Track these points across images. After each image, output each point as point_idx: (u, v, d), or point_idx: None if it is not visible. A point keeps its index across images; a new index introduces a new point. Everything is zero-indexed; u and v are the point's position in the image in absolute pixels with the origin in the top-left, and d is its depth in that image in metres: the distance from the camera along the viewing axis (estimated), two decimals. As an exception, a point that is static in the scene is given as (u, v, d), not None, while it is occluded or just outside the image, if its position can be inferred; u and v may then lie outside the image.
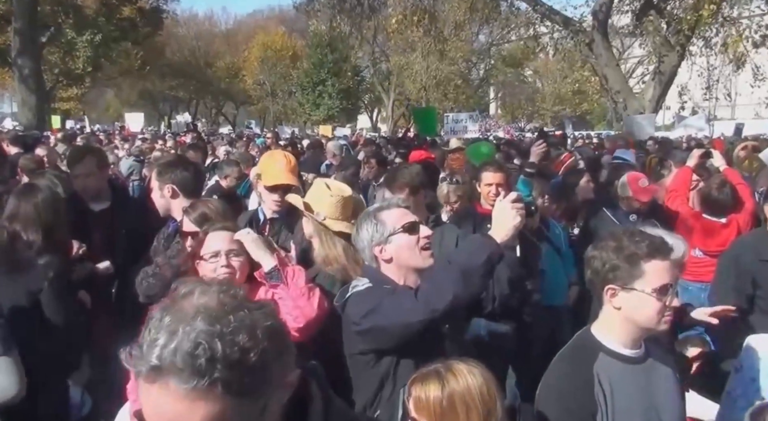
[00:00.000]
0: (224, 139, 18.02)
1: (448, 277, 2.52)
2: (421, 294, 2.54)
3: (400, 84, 47.27)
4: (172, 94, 59.48)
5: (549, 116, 50.19)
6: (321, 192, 3.45)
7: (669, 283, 2.27)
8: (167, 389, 1.09)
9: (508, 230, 2.56)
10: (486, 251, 2.51)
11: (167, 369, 1.08)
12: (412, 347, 2.58)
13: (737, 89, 30.20)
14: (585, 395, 2.26)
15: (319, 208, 3.35)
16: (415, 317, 2.49)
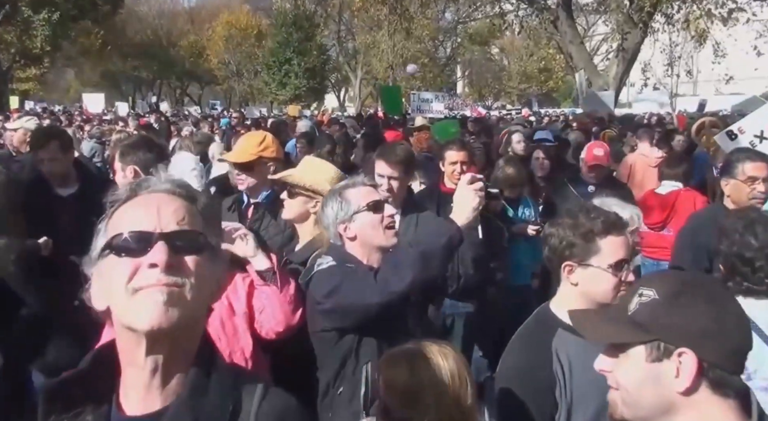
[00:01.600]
0: (189, 119, 17.76)
1: (407, 259, 2.55)
2: (380, 276, 2.57)
3: (367, 63, 46.98)
4: (135, 75, 58.33)
5: (515, 94, 50.45)
6: (313, 170, 3.39)
7: (624, 258, 2.31)
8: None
9: (469, 212, 2.59)
10: (446, 235, 2.54)
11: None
12: (374, 325, 2.61)
13: (698, 66, 30.67)
14: (544, 370, 2.30)
15: (325, 187, 3.22)
16: (374, 299, 2.52)
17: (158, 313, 1.23)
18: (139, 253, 1.26)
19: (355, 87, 49.73)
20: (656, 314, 1.45)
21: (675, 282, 1.51)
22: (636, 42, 20.23)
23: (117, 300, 1.27)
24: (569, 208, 2.46)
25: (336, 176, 3.35)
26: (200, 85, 62.95)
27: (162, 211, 1.30)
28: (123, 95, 59.65)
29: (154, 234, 1.27)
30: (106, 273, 1.29)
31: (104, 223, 1.35)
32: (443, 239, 2.53)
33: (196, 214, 1.35)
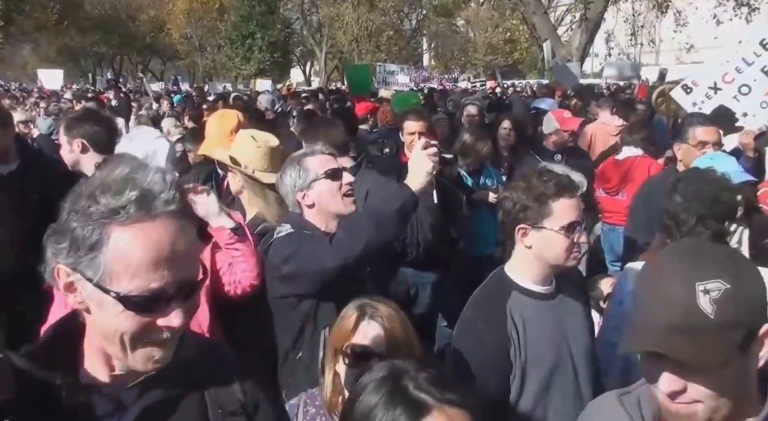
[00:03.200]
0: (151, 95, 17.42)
1: (361, 224, 2.60)
2: (335, 240, 2.61)
3: (332, 36, 46.45)
4: (95, 50, 56.87)
5: (481, 66, 50.40)
6: (247, 144, 3.37)
7: (576, 220, 2.36)
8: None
9: (423, 177, 2.62)
10: (400, 199, 2.58)
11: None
12: (331, 290, 2.64)
13: (660, 35, 30.99)
14: (498, 331, 2.35)
15: (246, 161, 3.28)
16: (329, 263, 2.55)
17: (158, 365, 1.27)
18: (152, 313, 1.23)
19: (320, 61, 49.19)
20: (738, 304, 1.29)
21: (717, 259, 1.35)
22: (599, 12, 20.35)
23: (116, 340, 1.24)
24: (523, 172, 2.50)
25: (263, 150, 3.32)
26: (162, 61, 61.68)
27: (176, 254, 1.23)
28: (83, 71, 58.32)
29: (170, 294, 1.23)
30: (105, 308, 1.23)
31: (98, 233, 1.20)
32: (397, 204, 2.57)
33: (195, 237, 1.31)
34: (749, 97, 5.43)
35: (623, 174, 5.75)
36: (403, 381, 1.36)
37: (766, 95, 5.37)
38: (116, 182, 1.22)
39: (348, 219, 2.75)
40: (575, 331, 2.49)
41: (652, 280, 1.38)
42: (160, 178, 1.25)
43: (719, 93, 5.55)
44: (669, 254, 1.44)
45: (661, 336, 1.29)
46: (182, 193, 1.29)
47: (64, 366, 1.30)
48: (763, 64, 5.40)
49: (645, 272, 1.44)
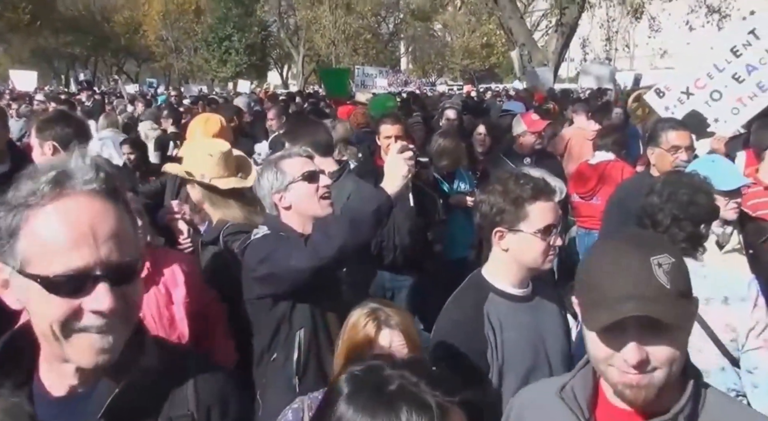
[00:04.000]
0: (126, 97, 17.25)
1: (336, 226, 2.60)
2: (310, 242, 2.61)
3: (309, 39, 46.39)
4: (68, 52, 56.15)
5: (458, 70, 50.64)
6: (199, 154, 3.36)
7: (552, 223, 2.38)
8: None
9: (399, 180, 2.63)
10: (375, 202, 2.59)
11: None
12: (307, 291, 2.65)
13: (635, 40, 31.39)
14: (475, 333, 2.36)
15: (202, 171, 3.27)
16: (304, 263, 2.55)
17: (101, 357, 1.19)
18: (77, 294, 1.16)
19: (297, 64, 49.11)
20: (684, 275, 1.45)
21: (658, 239, 1.59)
22: (574, 17, 20.54)
23: (48, 330, 1.18)
24: (499, 175, 2.51)
25: (215, 158, 3.29)
26: (137, 63, 61.08)
27: (99, 232, 1.16)
28: (56, 73, 57.51)
29: (95, 275, 1.15)
30: (32, 297, 1.17)
31: (17, 220, 1.16)
32: (372, 206, 2.58)
33: (125, 218, 1.24)
34: (720, 103, 5.52)
35: (597, 178, 5.80)
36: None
37: (737, 101, 5.46)
38: (38, 169, 1.20)
39: (323, 220, 2.75)
40: (552, 332, 2.51)
41: (608, 259, 1.47)
42: (81, 161, 1.21)
43: (691, 98, 5.63)
44: (617, 239, 1.59)
45: (632, 304, 1.38)
46: (111, 176, 1.23)
47: (14, 379, 1.25)
48: (733, 70, 5.48)
49: (596, 255, 1.54)
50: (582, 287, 1.53)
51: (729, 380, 2.57)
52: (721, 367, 2.60)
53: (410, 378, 1.20)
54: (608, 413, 1.54)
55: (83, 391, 1.26)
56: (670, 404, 1.47)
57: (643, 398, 1.44)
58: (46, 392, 1.26)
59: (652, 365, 1.41)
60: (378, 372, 1.24)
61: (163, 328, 2.63)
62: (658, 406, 1.46)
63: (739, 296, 2.59)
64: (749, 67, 5.42)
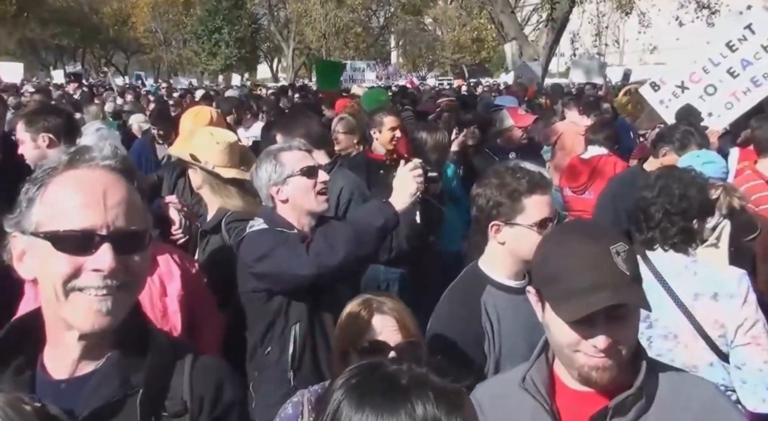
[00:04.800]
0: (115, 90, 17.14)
1: (342, 236, 2.59)
2: (313, 249, 2.59)
3: (300, 32, 46.21)
4: (56, 43, 55.66)
5: (449, 64, 50.64)
6: (206, 140, 3.38)
7: (549, 216, 2.38)
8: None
9: (407, 197, 2.66)
10: (383, 217, 2.60)
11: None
12: (303, 289, 2.64)
13: (625, 36, 31.51)
14: (473, 324, 2.37)
15: (206, 157, 3.29)
16: (305, 271, 2.55)
17: (99, 319, 1.23)
18: (81, 252, 1.21)
19: (287, 57, 48.92)
20: (636, 261, 1.54)
21: (606, 228, 1.70)
22: (564, 12, 20.51)
23: (51, 292, 1.23)
24: (496, 169, 2.52)
25: (221, 146, 3.32)
26: (126, 55, 60.65)
27: (109, 199, 1.24)
28: (44, 65, 56.96)
29: (101, 235, 1.21)
30: (41, 257, 1.24)
31: (37, 190, 1.26)
32: (379, 222, 2.60)
33: (136, 195, 1.31)
34: (715, 97, 5.55)
35: (589, 173, 5.82)
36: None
37: (731, 96, 5.49)
38: (62, 150, 1.31)
39: (329, 228, 2.74)
40: None
41: (567, 251, 1.54)
42: (104, 144, 1.32)
43: (686, 92, 5.66)
44: (569, 230, 1.71)
45: (605, 294, 1.45)
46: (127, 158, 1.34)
47: (17, 364, 1.28)
48: (728, 65, 5.50)
49: (552, 247, 1.61)
50: (542, 279, 1.60)
51: (717, 376, 2.58)
52: (710, 362, 2.62)
53: (417, 370, 1.18)
54: (568, 398, 1.61)
55: (85, 373, 1.29)
56: (626, 380, 1.54)
57: (608, 378, 1.51)
58: (48, 375, 1.30)
59: (617, 347, 1.49)
60: (381, 370, 1.20)
61: (155, 320, 2.61)
62: (616, 384, 1.54)
63: (728, 292, 2.60)
64: (744, 62, 5.45)
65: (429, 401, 1.11)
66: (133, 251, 1.26)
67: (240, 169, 3.36)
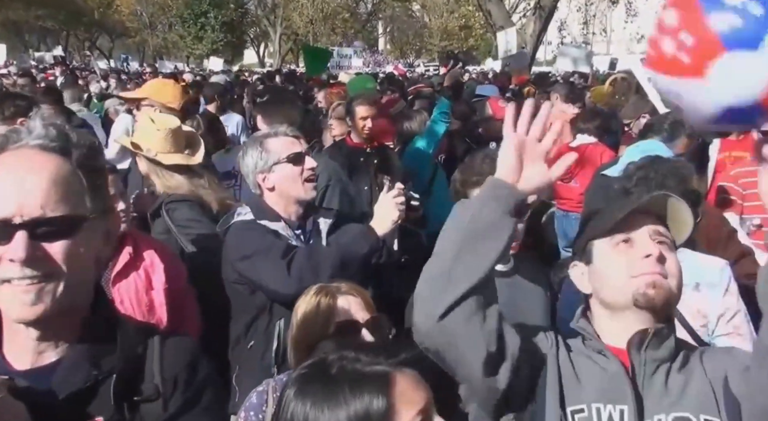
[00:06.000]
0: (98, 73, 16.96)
1: (326, 260, 2.55)
2: (294, 269, 2.54)
3: (287, 17, 45.91)
4: (40, 25, 54.84)
5: (436, 51, 50.53)
6: (147, 127, 3.39)
7: None
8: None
9: (389, 224, 2.64)
10: (367, 245, 2.59)
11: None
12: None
13: (612, 25, 31.57)
14: None
15: (148, 145, 3.29)
16: (285, 290, 2.49)
17: (26, 310, 1.19)
18: (0, 242, 1.17)
19: (274, 42, 48.60)
20: None
21: None
22: (552, 0, 20.55)
23: None
24: (472, 154, 2.55)
25: (163, 133, 3.31)
26: (110, 38, 59.91)
27: (27, 183, 1.17)
28: (27, 47, 56.13)
29: (14, 224, 1.16)
30: None
31: None
32: (364, 249, 2.59)
33: (70, 175, 1.24)
34: None
35: (577, 161, 5.83)
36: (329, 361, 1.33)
37: None
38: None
39: (313, 250, 2.67)
40: (530, 311, 2.50)
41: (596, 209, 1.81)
42: (36, 122, 1.26)
43: None
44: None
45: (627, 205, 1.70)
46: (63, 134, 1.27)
47: None
48: None
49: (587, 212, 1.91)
50: (590, 223, 1.76)
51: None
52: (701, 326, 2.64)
53: (349, 356, 1.29)
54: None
55: (48, 364, 1.26)
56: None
57: (663, 299, 1.59)
58: (9, 366, 1.26)
59: (666, 270, 1.60)
60: (321, 363, 1.32)
61: (141, 313, 2.60)
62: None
63: (710, 282, 2.60)
64: None
65: (357, 388, 1.24)
66: (56, 238, 1.20)
67: (184, 153, 3.37)
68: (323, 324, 2.06)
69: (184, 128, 3.59)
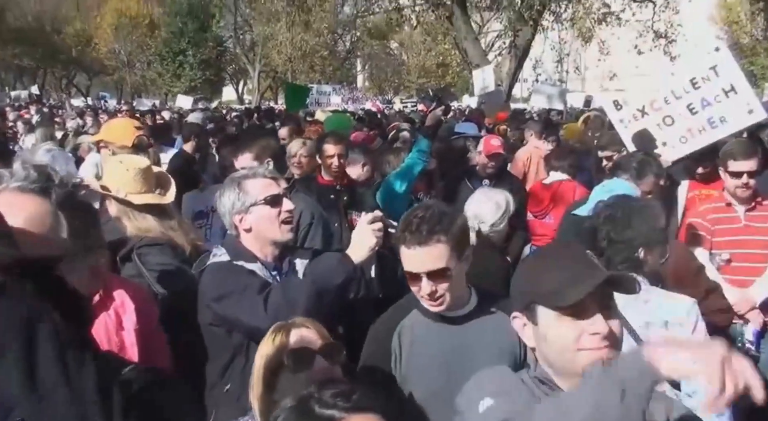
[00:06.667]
0: (73, 110, 16.93)
1: (301, 292, 2.53)
2: (271, 304, 2.52)
3: (266, 55, 46.28)
4: (16, 63, 54.66)
5: (414, 88, 51.14)
6: (115, 169, 3.36)
7: (413, 271, 2.35)
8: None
9: (365, 251, 2.60)
10: (344, 273, 2.55)
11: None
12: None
13: (585, 63, 32.22)
14: (383, 344, 2.45)
15: (118, 186, 3.26)
16: (263, 325, 2.40)
17: None
18: None
19: (253, 79, 48.88)
20: None
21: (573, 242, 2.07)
22: (527, 39, 20.97)
23: None
24: (414, 208, 2.47)
25: (132, 173, 3.30)
26: (88, 76, 59.86)
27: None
28: (2, 85, 55.84)
29: None
30: None
31: None
32: (339, 279, 2.54)
33: (48, 215, 1.30)
34: (671, 128, 5.62)
35: (550, 198, 5.92)
36: (309, 404, 1.37)
37: (686, 131, 5.56)
38: None
39: (288, 283, 2.66)
40: (480, 359, 2.31)
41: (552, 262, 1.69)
42: (20, 165, 1.34)
43: (646, 117, 5.74)
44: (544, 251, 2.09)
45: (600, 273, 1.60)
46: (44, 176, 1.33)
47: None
48: (689, 101, 5.56)
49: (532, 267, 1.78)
50: (535, 290, 1.65)
51: (669, 403, 2.62)
52: (662, 391, 2.65)
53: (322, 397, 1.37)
54: None
55: None
56: None
57: None
58: None
59: (612, 342, 1.56)
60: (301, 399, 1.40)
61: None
62: None
63: (678, 321, 2.61)
64: (704, 102, 5.51)
65: None
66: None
67: (155, 193, 3.35)
68: (279, 357, 2.04)
69: (155, 169, 3.57)
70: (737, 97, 5.46)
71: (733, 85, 5.46)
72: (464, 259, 2.37)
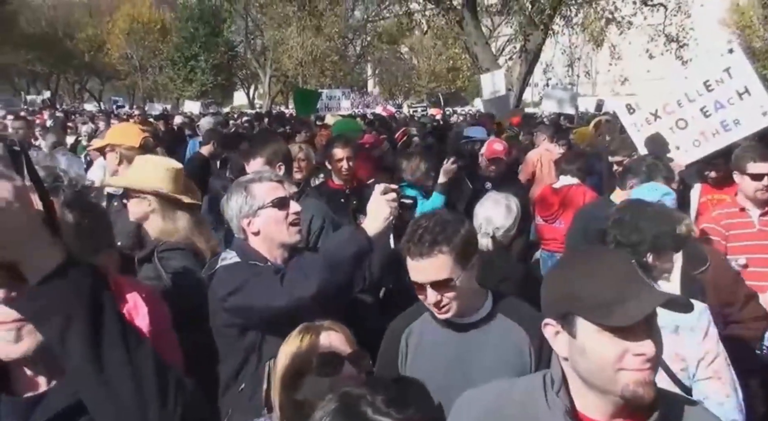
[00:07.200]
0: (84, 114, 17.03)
1: (315, 266, 2.54)
2: (286, 281, 2.54)
3: (277, 60, 46.43)
4: (30, 69, 55.16)
5: (425, 93, 51.17)
6: (152, 168, 3.35)
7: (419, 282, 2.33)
8: None
9: (381, 222, 2.59)
10: (356, 245, 2.53)
11: None
12: (278, 323, 2.60)
13: (597, 67, 32.14)
14: (393, 345, 2.51)
15: (154, 184, 3.25)
16: (279, 302, 2.50)
17: (10, 348, 1.27)
18: None
19: (264, 84, 49.05)
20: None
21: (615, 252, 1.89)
22: (538, 43, 20.90)
23: None
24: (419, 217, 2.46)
25: (169, 173, 3.31)
26: (101, 81, 60.33)
27: None
28: (16, 90, 56.35)
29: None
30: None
31: None
32: (352, 249, 2.52)
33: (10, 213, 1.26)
34: (685, 132, 5.58)
35: (560, 202, 5.90)
36: (361, 407, 1.35)
37: (700, 134, 5.51)
38: None
39: (302, 259, 2.69)
40: (484, 368, 2.32)
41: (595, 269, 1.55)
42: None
43: (659, 121, 5.70)
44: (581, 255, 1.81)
45: (656, 294, 1.50)
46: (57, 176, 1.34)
47: None
48: (702, 104, 5.52)
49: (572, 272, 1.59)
50: (576, 299, 1.52)
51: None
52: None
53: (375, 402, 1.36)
54: None
55: (42, 391, 1.35)
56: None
57: (653, 394, 1.48)
58: (15, 391, 1.36)
59: (654, 364, 1.49)
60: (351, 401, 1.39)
61: None
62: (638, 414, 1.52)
63: (689, 326, 2.57)
64: (717, 104, 5.47)
65: None
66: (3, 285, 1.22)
67: (188, 196, 3.35)
68: (306, 358, 2.03)
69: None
70: (751, 99, 5.41)
71: (747, 87, 5.42)
72: (470, 267, 2.34)
